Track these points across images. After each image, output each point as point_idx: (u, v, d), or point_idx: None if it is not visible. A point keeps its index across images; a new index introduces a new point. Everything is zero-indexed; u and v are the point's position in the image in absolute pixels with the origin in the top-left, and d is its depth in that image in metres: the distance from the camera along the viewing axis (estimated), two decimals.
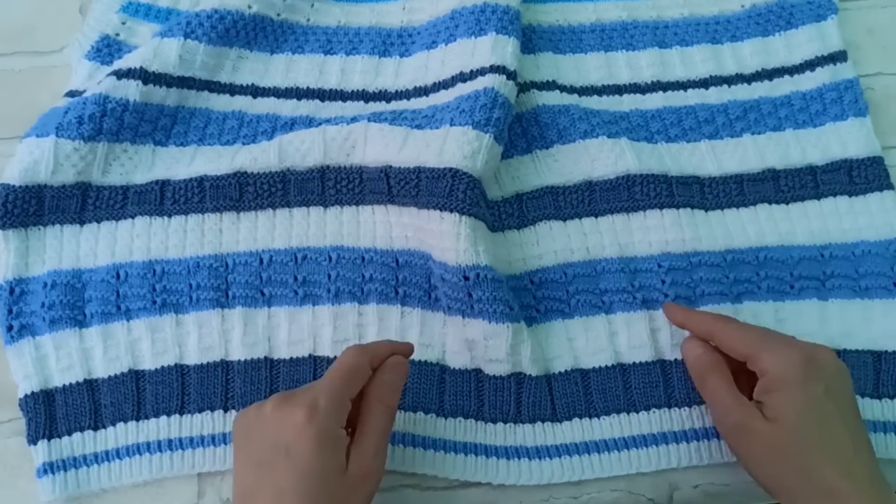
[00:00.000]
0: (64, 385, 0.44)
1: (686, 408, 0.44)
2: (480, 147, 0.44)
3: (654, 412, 0.44)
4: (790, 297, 0.46)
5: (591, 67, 0.53)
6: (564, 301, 0.45)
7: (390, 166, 0.46)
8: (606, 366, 0.45)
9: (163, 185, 0.47)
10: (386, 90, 0.52)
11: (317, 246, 0.46)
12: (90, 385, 0.44)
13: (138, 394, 0.44)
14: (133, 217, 0.47)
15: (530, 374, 0.44)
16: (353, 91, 0.52)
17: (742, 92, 0.52)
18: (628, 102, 0.52)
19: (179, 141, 0.49)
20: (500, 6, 0.49)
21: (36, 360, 0.44)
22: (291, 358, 0.45)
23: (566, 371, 0.44)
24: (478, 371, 0.44)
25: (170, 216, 0.47)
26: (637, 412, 0.44)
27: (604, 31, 0.54)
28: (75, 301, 0.45)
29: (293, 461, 0.33)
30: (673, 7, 0.55)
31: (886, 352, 0.44)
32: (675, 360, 0.44)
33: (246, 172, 0.47)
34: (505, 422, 0.44)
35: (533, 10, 0.55)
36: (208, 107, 0.51)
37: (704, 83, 0.52)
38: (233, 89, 0.52)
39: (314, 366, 0.45)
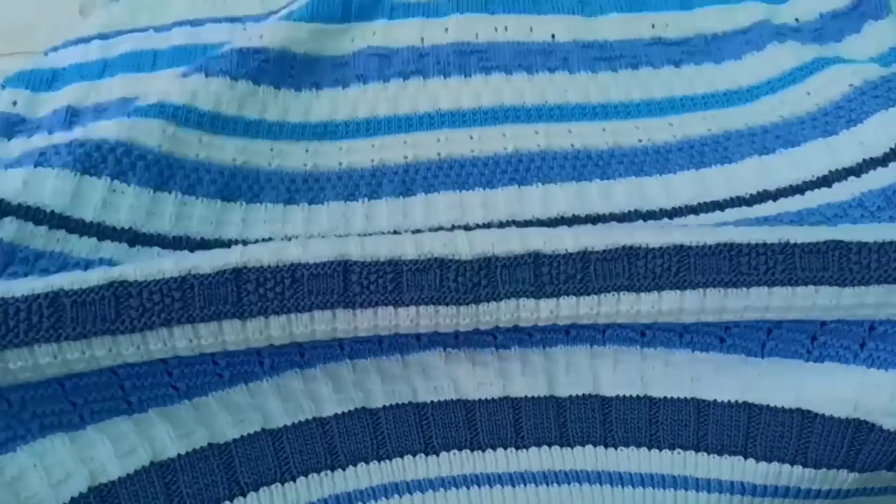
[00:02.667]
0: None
1: (717, 455, 0.40)
2: None
3: (679, 452, 0.40)
4: None
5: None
6: (598, 329, 0.41)
7: None
8: (631, 396, 0.41)
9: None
10: None
11: None
12: None
13: None
14: None
15: (527, 395, 0.41)
16: None
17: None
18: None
19: None
20: None
21: None
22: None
23: (583, 395, 0.41)
24: (463, 400, 0.41)
25: None
26: (660, 450, 0.41)
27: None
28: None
29: None
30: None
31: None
32: (714, 400, 0.40)
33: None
34: (505, 447, 0.40)
35: None
36: None
37: None
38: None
39: None
